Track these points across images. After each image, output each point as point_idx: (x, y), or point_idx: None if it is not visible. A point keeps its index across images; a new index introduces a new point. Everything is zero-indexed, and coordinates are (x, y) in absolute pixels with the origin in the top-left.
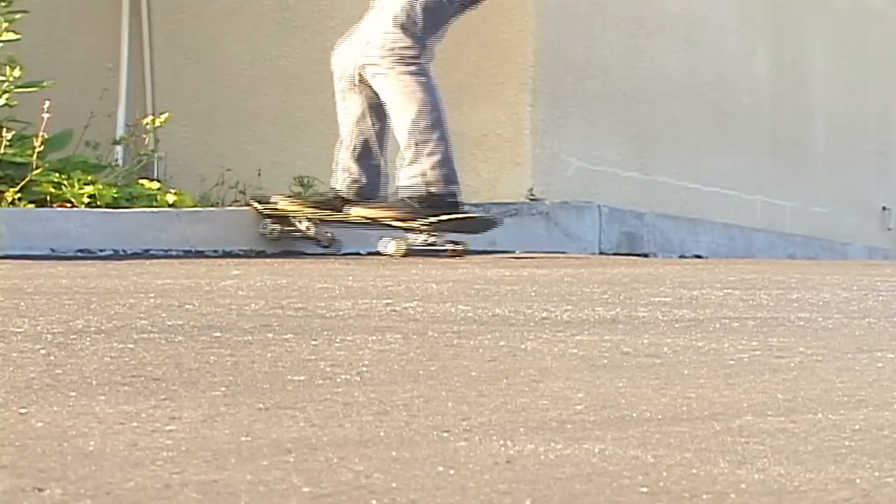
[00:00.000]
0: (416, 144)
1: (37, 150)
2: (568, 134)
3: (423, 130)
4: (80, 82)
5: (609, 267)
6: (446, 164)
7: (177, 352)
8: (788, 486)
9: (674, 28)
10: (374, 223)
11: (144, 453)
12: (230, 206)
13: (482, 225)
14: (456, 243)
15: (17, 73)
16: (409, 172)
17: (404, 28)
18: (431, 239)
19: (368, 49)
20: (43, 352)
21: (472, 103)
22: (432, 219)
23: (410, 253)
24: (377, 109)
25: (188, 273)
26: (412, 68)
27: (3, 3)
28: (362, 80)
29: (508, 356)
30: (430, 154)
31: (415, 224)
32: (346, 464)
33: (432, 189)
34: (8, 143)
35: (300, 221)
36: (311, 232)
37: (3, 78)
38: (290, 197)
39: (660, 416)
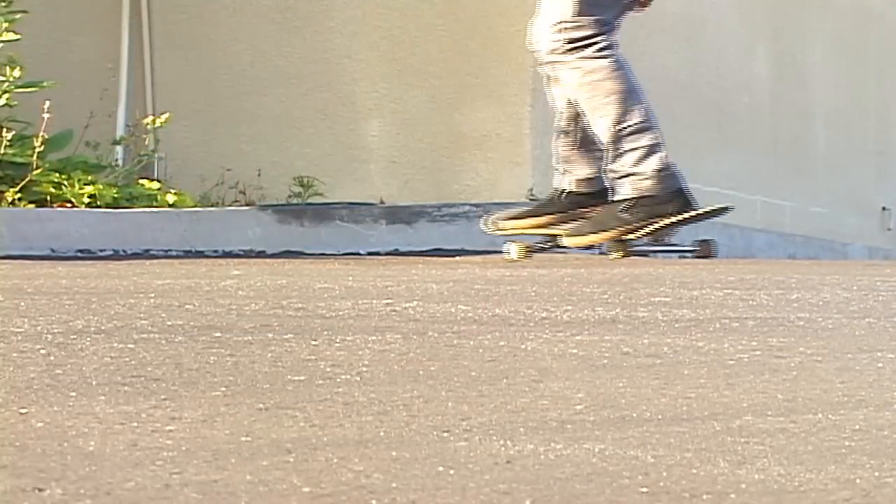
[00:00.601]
0: (618, 141)
1: (37, 150)
2: None
3: (622, 122)
4: (80, 82)
5: (609, 267)
6: (656, 154)
7: (177, 352)
8: (788, 486)
9: (674, 28)
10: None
11: (144, 453)
12: (230, 206)
13: (713, 214)
14: (703, 242)
15: (17, 73)
16: (616, 175)
17: (579, 11)
18: (659, 243)
19: (545, 41)
20: (43, 352)
21: (472, 103)
22: (651, 228)
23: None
24: None
25: (188, 273)
26: (594, 52)
27: (3, 3)
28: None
29: (508, 356)
30: (636, 148)
31: (634, 236)
32: (346, 464)
33: (646, 189)
34: (8, 143)
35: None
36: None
37: (3, 78)
38: (512, 216)
39: (660, 416)
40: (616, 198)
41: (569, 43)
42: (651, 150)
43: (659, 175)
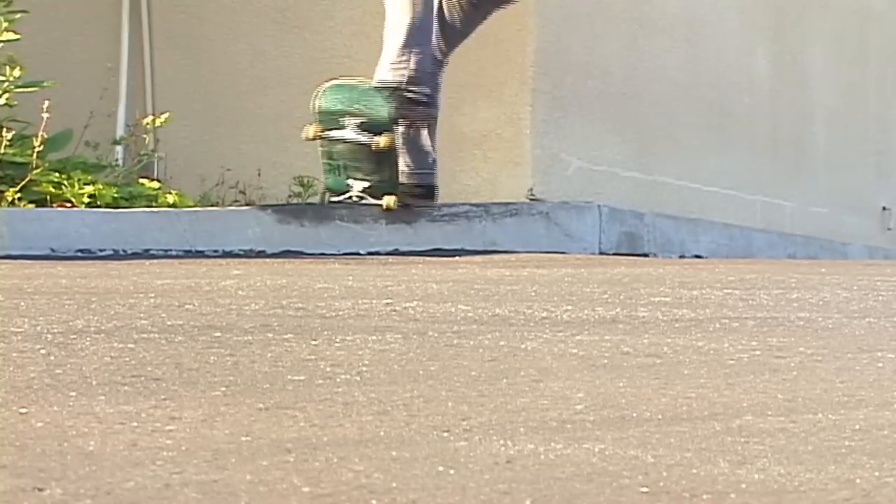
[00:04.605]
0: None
1: (37, 150)
2: (568, 134)
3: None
4: (80, 82)
5: (609, 267)
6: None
7: (177, 352)
8: (788, 486)
9: (674, 28)
10: None
11: (144, 453)
12: (230, 206)
13: None
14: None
15: (17, 73)
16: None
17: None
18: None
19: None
20: (43, 352)
21: (472, 103)
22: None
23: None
24: None
25: (188, 273)
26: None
27: (3, 3)
28: None
29: (508, 356)
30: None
31: None
32: (346, 464)
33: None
34: (8, 143)
35: None
36: None
37: (3, 78)
38: None
39: (660, 416)
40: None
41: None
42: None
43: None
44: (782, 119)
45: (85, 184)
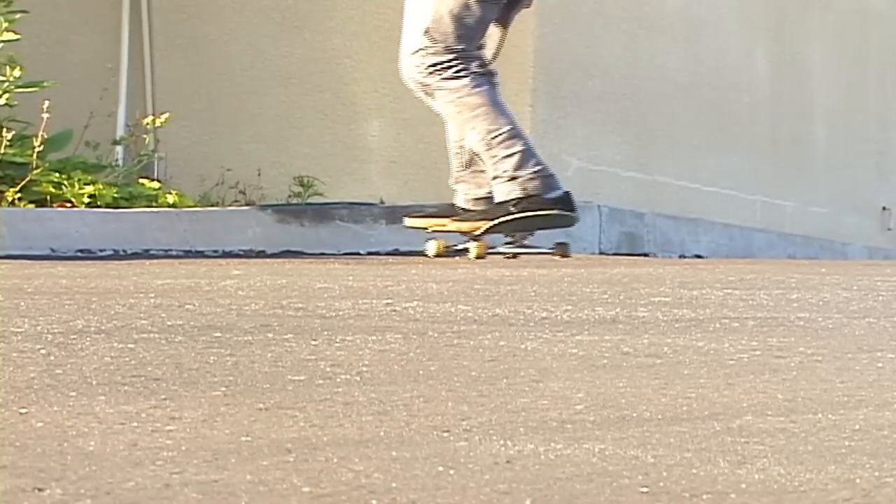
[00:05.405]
0: (492, 148)
1: (37, 150)
2: (568, 134)
3: (493, 131)
4: (80, 82)
5: (609, 267)
6: (533, 157)
7: (177, 352)
8: (788, 486)
9: (674, 28)
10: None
11: (144, 453)
12: (230, 206)
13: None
14: (560, 244)
15: (17, 73)
16: (500, 180)
17: (434, 41)
18: (517, 244)
19: (407, 70)
20: (43, 352)
21: None
22: (533, 214)
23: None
24: None
25: (188, 273)
26: (453, 74)
27: (3, 3)
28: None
29: (508, 356)
30: (513, 153)
31: (513, 220)
32: (346, 464)
33: (532, 188)
34: (8, 143)
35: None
36: None
37: (3, 78)
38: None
39: (660, 416)
40: (504, 198)
41: (428, 67)
42: (527, 153)
43: (540, 175)
44: (782, 119)
45: (85, 184)
